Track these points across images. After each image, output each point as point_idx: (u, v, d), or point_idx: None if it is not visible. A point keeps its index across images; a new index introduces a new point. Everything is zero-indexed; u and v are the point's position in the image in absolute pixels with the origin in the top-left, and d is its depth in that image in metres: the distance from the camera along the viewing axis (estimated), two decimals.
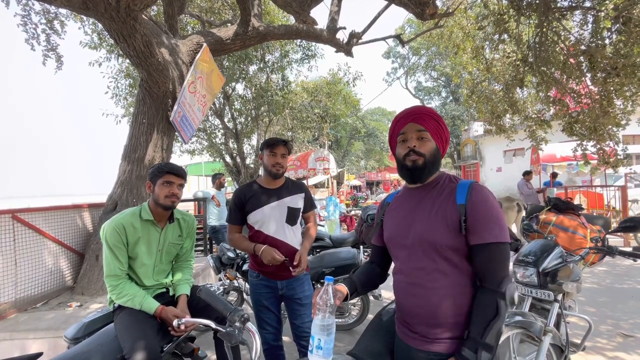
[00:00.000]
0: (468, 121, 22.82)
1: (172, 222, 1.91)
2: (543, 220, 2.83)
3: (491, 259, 1.03)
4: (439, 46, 8.59)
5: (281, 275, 2.02)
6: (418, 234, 1.11)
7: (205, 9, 7.66)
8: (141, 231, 1.79)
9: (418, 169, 1.14)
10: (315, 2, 4.41)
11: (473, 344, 0.98)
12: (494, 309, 1.00)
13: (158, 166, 1.83)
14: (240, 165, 12.07)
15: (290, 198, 2.08)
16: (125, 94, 9.47)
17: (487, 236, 1.02)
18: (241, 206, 2.04)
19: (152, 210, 1.83)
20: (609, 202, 7.55)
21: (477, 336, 0.98)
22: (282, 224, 2.04)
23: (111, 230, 1.72)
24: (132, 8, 2.97)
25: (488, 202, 1.06)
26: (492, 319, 0.99)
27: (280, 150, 2.03)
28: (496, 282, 1.02)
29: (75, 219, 3.87)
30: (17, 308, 3.17)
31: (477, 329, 1.00)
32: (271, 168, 2.02)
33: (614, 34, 4.00)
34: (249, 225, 2.07)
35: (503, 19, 4.76)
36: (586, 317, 2.36)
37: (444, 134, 1.18)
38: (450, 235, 1.06)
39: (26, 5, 4.82)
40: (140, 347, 1.50)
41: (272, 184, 2.08)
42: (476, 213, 1.04)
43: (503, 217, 1.07)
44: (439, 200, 1.12)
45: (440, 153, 1.17)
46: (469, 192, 1.07)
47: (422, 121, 1.15)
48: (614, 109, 4.81)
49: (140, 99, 3.98)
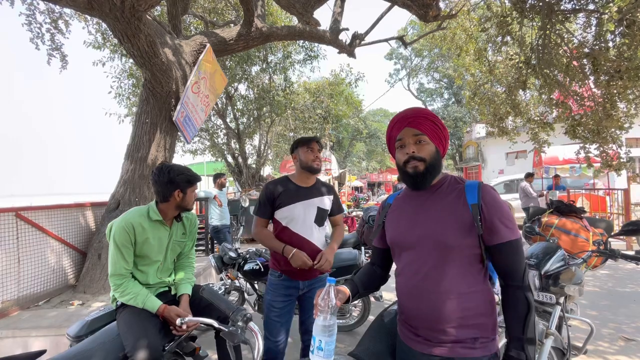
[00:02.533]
0: (470, 123, 22.79)
1: (179, 221, 1.95)
2: (545, 222, 2.83)
3: (512, 256, 1.05)
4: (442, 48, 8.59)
5: (305, 276, 2.01)
6: (427, 235, 1.10)
7: (209, 10, 7.69)
8: (150, 231, 1.80)
9: (420, 175, 1.12)
10: (318, 3, 4.42)
11: (518, 343, 1.01)
12: (525, 304, 1.03)
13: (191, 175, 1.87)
14: (242, 165, 12.10)
15: (320, 199, 2.07)
16: (128, 93, 9.52)
17: (505, 235, 1.05)
18: (272, 200, 2.01)
19: (163, 211, 1.85)
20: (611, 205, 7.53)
21: (519, 334, 1.02)
22: (311, 224, 2.02)
23: (120, 229, 1.72)
24: (137, 8, 2.99)
25: (499, 201, 1.08)
26: (527, 313, 1.02)
27: (316, 146, 2.04)
28: (519, 277, 1.05)
29: (78, 218, 3.89)
30: (20, 306, 3.19)
31: (516, 328, 1.02)
32: (311, 163, 2.01)
33: (618, 36, 3.98)
34: (276, 220, 2.04)
35: (506, 21, 4.75)
36: (588, 321, 2.36)
37: (442, 134, 1.17)
38: (463, 235, 1.06)
39: (31, 5, 4.86)
40: (143, 345, 1.51)
41: (304, 182, 2.07)
42: (491, 213, 1.05)
43: (512, 215, 1.09)
44: (448, 201, 1.11)
45: (440, 154, 1.17)
46: (480, 192, 1.08)
47: (418, 125, 1.14)
48: (617, 112, 4.79)
49: (143, 99, 4.00)
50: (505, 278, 1.07)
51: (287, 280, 2.02)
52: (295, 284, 2.02)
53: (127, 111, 10.08)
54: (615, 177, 8.82)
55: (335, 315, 1.05)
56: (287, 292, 2.02)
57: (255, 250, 3.27)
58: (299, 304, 2.12)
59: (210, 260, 3.50)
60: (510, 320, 1.04)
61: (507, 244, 1.04)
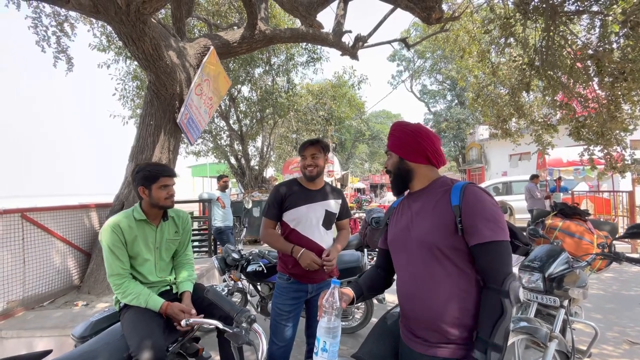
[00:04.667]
0: (473, 125, 22.73)
1: (166, 219, 1.95)
2: (549, 225, 2.82)
3: (491, 257, 1.03)
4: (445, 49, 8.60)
5: (314, 279, 2.00)
6: (417, 238, 1.13)
7: (212, 12, 7.74)
8: (137, 230, 1.82)
9: (392, 183, 1.28)
10: (321, 6, 4.44)
11: (482, 345, 0.99)
12: (499, 308, 1.00)
13: (150, 170, 1.83)
14: (244, 167, 12.14)
15: (328, 202, 2.06)
16: (132, 95, 9.59)
17: (484, 235, 1.03)
18: (280, 202, 2.00)
19: (146, 210, 1.86)
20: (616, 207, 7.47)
21: (486, 337, 0.99)
22: (318, 227, 2.01)
23: (109, 231, 1.75)
24: (142, 12, 3.02)
25: (482, 201, 1.07)
26: (499, 318, 0.99)
27: (310, 152, 1.99)
28: (499, 280, 1.02)
29: (83, 219, 3.92)
30: (25, 306, 3.21)
31: (485, 330, 1.00)
32: (303, 170, 2.01)
33: (622, 38, 3.96)
34: (284, 222, 2.03)
35: (509, 23, 4.74)
36: (592, 324, 2.34)
37: (403, 143, 1.22)
38: (447, 236, 1.07)
39: (37, 8, 4.91)
40: (147, 346, 1.52)
41: (312, 185, 2.05)
42: (471, 213, 1.05)
43: (501, 216, 1.08)
44: (434, 203, 1.14)
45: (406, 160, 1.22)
46: (462, 193, 1.08)
47: (387, 143, 1.30)
48: (622, 114, 4.77)
49: (148, 101, 4.03)
50: (484, 280, 1.06)
51: (296, 283, 2.00)
52: (304, 287, 2.01)
53: (132, 113, 10.16)
54: (619, 179, 8.77)
55: (339, 317, 1.06)
56: (296, 295, 2.01)
57: (258, 252, 3.28)
58: (306, 307, 2.11)
59: (214, 262, 3.51)
60: (481, 321, 1.03)
61: (487, 244, 1.03)
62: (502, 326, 0.99)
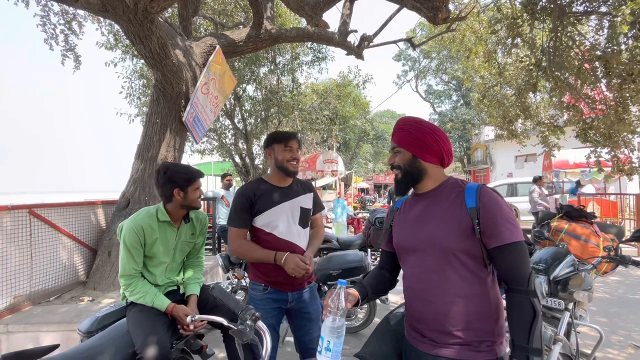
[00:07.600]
0: (479, 125, 22.59)
1: (187, 222, 1.95)
2: (555, 227, 2.80)
3: (514, 259, 1.03)
4: (451, 49, 8.55)
5: (293, 286, 1.80)
6: (428, 239, 1.12)
7: (219, 12, 7.76)
8: (158, 232, 1.82)
9: (398, 181, 1.21)
10: (327, 5, 4.43)
11: (522, 353, 0.96)
12: (530, 309, 0.99)
13: (186, 172, 1.84)
14: (249, 166, 12.17)
15: (301, 198, 1.88)
16: (138, 93, 9.65)
17: (504, 237, 1.02)
18: (249, 206, 1.76)
19: (171, 212, 1.86)
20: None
21: (524, 343, 0.97)
22: (295, 226, 1.83)
23: (130, 231, 1.75)
24: (149, 11, 3.04)
25: (498, 203, 1.06)
26: (533, 320, 0.98)
27: (295, 145, 1.82)
28: (524, 281, 1.01)
29: (89, 216, 3.96)
30: (32, 301, 3.26)
31: (520, 336, 0.98)
32: (287, 164, 1.78)
33: (631, 39, 3.92)
34: (256, 228, 1.80)
35: (516, 23, 4.71)
36: (597, 327, 2.32)
37: (419, 142, 1.16)
38: (462, 238, 1.06)
39: (45, 7, 4.96)
40: (152, 342, 1.53)
41: (282, 182, 1.85)
42: (489, 216, 1.04)
43: (514, 216, 1.07)
44: (447, 205, 1.12)
45: (420, 159, 1.17)
46: (478, 194, 1.07)
47: (394, 137, 1.23)
48: (630, 116, 4.71)
49: (154, 100, 4.06)
50: (508, 282, 1.05)
51: (274, 292, 1.78)
52: (283, 296, 1.79)
53: (138, 111, 10.22)
54: (626, 182, 8.68)
55: (344, 317, 1.06)
56: (275, 305, 1.79)
57: None
58: (289, 320, 1.91)
59: (218, 260, 3.54)
60: (514, 328, 1.00)
61: (508, 246, 1.02)
62: (538, 328, 0.97)
